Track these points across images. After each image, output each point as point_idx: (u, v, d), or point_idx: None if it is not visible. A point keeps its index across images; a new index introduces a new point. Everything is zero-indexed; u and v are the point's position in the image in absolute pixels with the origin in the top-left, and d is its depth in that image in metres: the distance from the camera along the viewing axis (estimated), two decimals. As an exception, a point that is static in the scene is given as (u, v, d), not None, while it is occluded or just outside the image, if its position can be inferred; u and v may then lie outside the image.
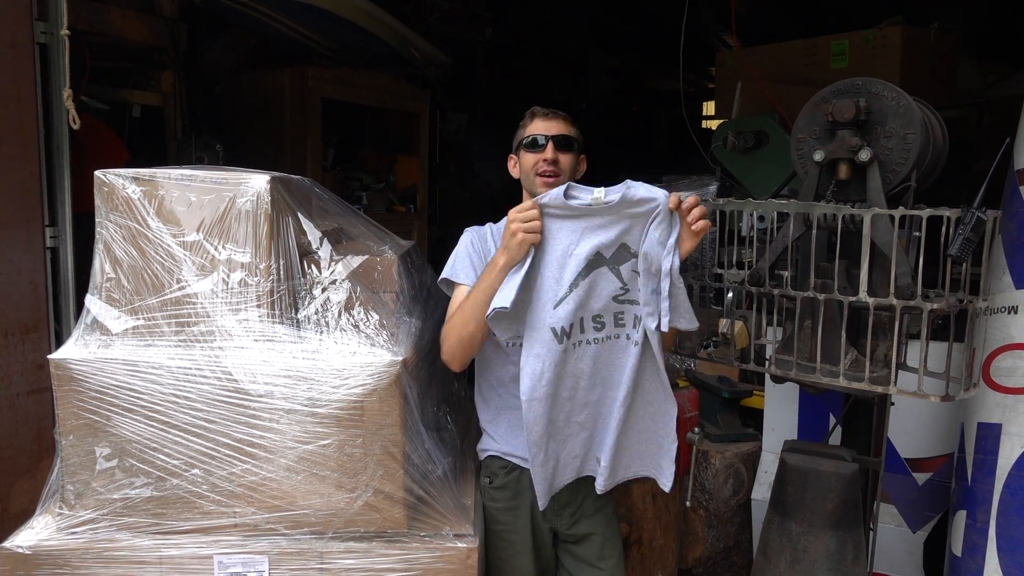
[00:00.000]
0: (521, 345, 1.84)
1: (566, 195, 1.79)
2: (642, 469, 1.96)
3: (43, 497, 1.80)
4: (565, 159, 1.98)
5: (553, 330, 1.81)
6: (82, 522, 1.72)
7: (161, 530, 1.73)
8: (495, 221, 2.08)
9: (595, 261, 1.81)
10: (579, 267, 1.80)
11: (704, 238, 1.80)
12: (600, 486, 1.92)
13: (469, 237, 2.03)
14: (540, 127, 2.00)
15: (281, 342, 1.71)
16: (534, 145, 1.99)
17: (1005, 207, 2.14)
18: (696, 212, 1.74)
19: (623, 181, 1.83)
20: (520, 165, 2.04)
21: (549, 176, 1.96)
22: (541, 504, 1.92)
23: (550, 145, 1.97)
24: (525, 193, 2.05)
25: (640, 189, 1.77)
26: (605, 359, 1.87)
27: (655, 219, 1.76)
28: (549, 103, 2.09)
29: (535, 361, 1.81)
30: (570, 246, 1.80)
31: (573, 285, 1.81)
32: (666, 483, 1.95)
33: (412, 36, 4.07)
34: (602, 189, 1.78)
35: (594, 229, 1.80)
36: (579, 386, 1.86)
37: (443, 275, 2.00)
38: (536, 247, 1.79)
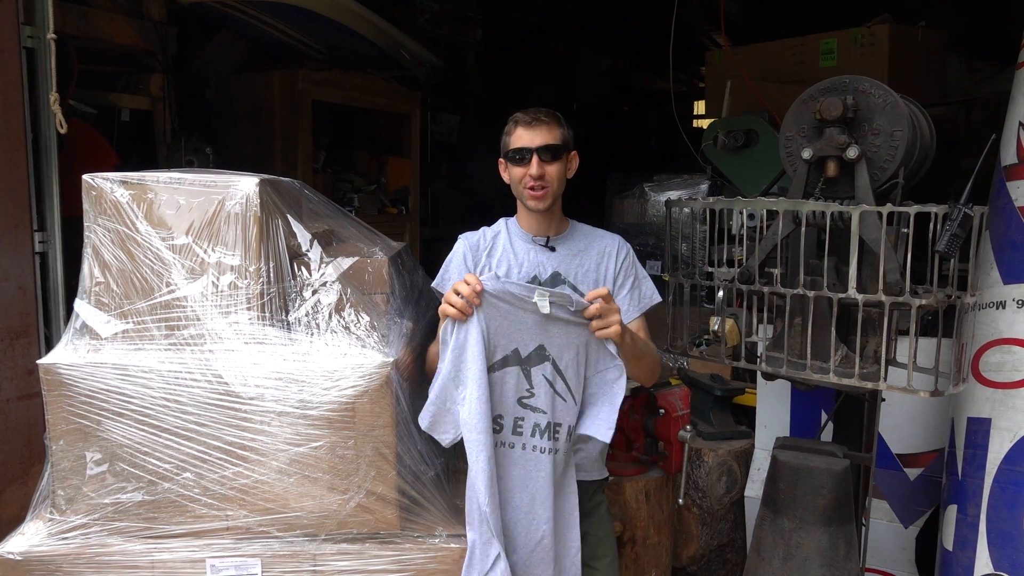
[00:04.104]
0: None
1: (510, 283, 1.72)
2: None
3: (34, 503, 1.79)
4: (552, 169, 1.92)
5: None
6: (73, 527, 1.71)
7: (153, 534, 1.72)
8: (488, 223, 2.08)
9: (511, 358, 1.76)
10: (492, 360, 1.75)
11: (695, 236, 1.80)
12: None
13: (462, 248, 2.01)
14: (524, 138, 1.92)
15: (271, 344, 1.70)
16: (519, 158, 1.93)
17: (992, 203, 2.16)
18: (595, 324, 1.72)
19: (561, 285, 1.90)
20: (508, 175, 2.00)
21: (537, 190, 1.93)
22: None
23: (535, 159, 1.90)
24: (519, 205, 2.02)
25: (571, 300, 1.72)
26: (503, 465, 1.78)
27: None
28: (539, 104, 2.06)
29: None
30: (495, 334, 1.74)
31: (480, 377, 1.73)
32: None
33: (402, 38, 4.07)
34: (546, 296, 1.70)
35: (519, 327, 1.74)
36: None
37: (435, 283, 2.00)
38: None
